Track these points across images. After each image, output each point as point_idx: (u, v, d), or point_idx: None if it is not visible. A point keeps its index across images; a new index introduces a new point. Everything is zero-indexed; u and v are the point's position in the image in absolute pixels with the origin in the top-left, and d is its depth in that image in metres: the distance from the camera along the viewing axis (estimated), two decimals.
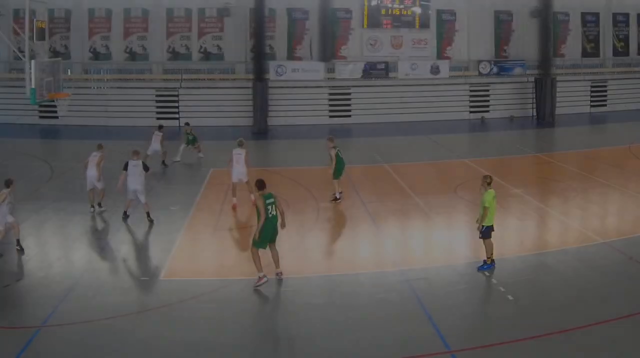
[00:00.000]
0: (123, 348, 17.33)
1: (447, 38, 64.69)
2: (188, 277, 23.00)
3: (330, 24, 61.42)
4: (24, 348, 17.07)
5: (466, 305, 20.03)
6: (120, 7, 61.72)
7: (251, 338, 18.34)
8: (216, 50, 62.55)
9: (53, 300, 20.10)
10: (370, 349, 17.22)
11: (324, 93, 62.30)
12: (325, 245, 26.60)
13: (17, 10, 56.80)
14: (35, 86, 34.40)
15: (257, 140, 53.26)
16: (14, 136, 53.39)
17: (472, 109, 64.16)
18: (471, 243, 25.22)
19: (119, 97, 60.51)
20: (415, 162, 42.99)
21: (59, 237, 27.56)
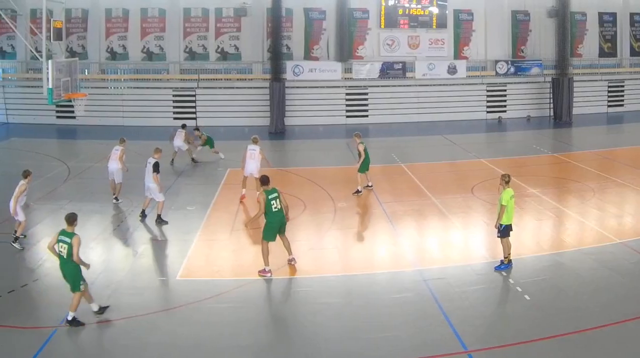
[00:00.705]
0: (139, 349, 17.43)
1: (464, 38, 64.50)
2: (205, 277, 22.99)
3: (347, 24, 61.45)
4: (40, 349, 17.17)
5: (483, 305, 20.00)
6: (137, 7, 61.81)
7: (268, 339, 18.36)
8: (233, 50, 62.51)
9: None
10: (387, 349, 17.22)
11: (341, 93, 62.15)
12: (342, 245, 26.49)
13: (34, 10, 56.92)
14: (53, 86, 34.44)
15: (274, 140, 53.35)
16: (32, 136, 53.70)
17: (489, 108, 64.02)
18: (488, 243, 25.40)
19: (135, 97, 60.66)
20: (432, 162, 42.99)
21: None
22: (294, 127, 58.87)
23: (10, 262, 22.47)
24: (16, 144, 50.78)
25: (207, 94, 60.73)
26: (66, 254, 18.84)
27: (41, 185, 35.37)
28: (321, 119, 60.94)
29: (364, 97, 62.35)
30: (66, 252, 18.82)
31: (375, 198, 32.95)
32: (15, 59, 62.45)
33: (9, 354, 17.02)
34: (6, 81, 62.26)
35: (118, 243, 26.96)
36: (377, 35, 63.06)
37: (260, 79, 60.76)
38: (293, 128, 58.65)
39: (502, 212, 22.31)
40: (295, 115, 60.08)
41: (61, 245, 18.95)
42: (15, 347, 17.28)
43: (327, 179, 36.33)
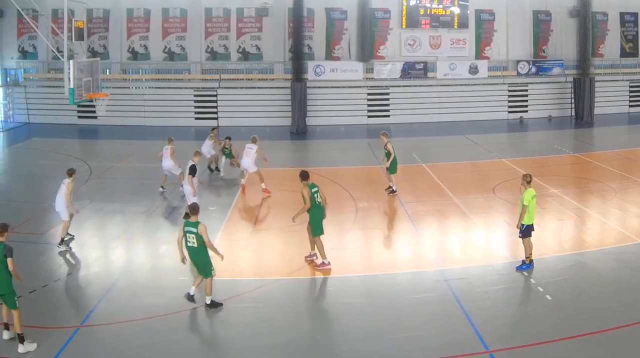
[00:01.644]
0: (160, 349, 17.48)
1: (485, 38, 64.26)
2: (225, 277, 22.90)
3: (369, 24, 61.32)
4: (62, 348, 17.24)
5: (504, 305, 20.00)
6: (158, 7, 61.81)
7: (289, 339, 18.33)
8: (255, 50, 62.47)
9: (92, 300, 20.33)
10: (409, 349, 17.29)
11: (363, 93, 61.99)
12: (364, 245, 26.54)
13: (55, 10, 56.75)
14: (74, 86, 34.44)
15: (296, 140, 53.56)
16: (53, 136, 53.86)
17: (510, 108, 63.76)
18: (509, 243, 25.39)
19: (157, 97, 60.64)
20: (453, 162, 42.94)
21: (97, 238, 27.66)
22: (315, 127, 58.73)
23: (31, 262, 22.59)
24: (37, 144, 50.93)
25: (229, 94, 60.72)
26: (197, 243, 19.72)
27: None
28: (343, 119, 60.84)
29: (386, 97, 62.16)
30: (197, 241, 19.77)
31: (396, 198, 32.93)
32: (36, 59, 62.60)
33: (32, 354, 17.06)
34: (28, 81, 62.34)
35: (140, 243, 26.99)
36: (399, 35, 62.88)
37: (282, 79, 60.66)
38: (314, 128, 58.51)
39: (523, 212, 22.35)
40: (316, 115, 59.97)
41: (190, 236, 19.75)
42: (37, 347, 17.28)
43: (348, 178, 36.33)
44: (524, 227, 22.43)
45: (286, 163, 39.46)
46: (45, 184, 36.31)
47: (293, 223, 23.62)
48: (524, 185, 22.68)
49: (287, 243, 24.00)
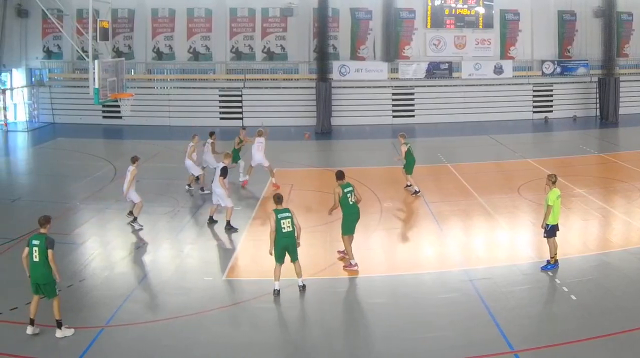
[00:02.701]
0: (185, 349, 17.53)
1: (510, 38, 64.05)
2: (251, 277, 23.12)
3: (394, 24, 61.28)
4: (87, 348, 17.31)
5: (529, 305, 19.95)
6: (183, 7, 61.92)
7: (314, 338, 18.45)
8: (279, 50, 62.51)
9: (116, 300, 20.35)
10: (434, 349, 17.31)
11: (388, 93, 61.96)
12: (388, 245, 26.56)
13: (80, 10, 57.39)
14: (99, 86, 34.59)
15: (321, 140, 53.55)
16: (78, 136, 54.06)
17: (535, 108, 63.54)
18: (534, 243, 25.36)
19: (182, 97, 60.71)
20: (478, 162, 42.88)
21: (122, 238, 27.58)
22: (340, 127, 58.70)
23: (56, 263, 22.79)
24: (62, 144, 51.20)
25: (254, 94, 60.72)
26: (292, 227, 20.70)
27: (87, 185, 35.84)
28: (367, 119, 60.80)
29: (410, 97, 62.14)
30: (292, 227, 20.69)
31: (421, 198, 32.94)
32: (61, 59, 62.85)
33: (56, 354, 17.18)
34: (52, 81, 62.63)
35: (165, 243, 27.06)
36: (424, 35, 62.77)
37: (307, 79, 60.75)
38: (339, 128, 58.49)
39: (548, 212, 22.35)
40: (341, 115, 59.94)
41: (286, 221, 20.69)
42: (62, 347, 17.43)
43: (373, 179, 36.30)
44: (548, 227, 22.42)
45: (311, 163, 39.46)
46: (70, 184, 36.62)
47: (318, 224, 23.68)
48: (548, 185, 22.69)
49: (311, 243, 24.03)
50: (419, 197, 32.89)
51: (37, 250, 17.62)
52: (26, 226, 26.75)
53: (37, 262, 17.66)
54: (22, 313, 18.95)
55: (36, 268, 17.71)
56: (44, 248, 17.55)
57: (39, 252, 17.60)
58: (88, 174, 38.38)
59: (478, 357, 16.73)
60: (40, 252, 17.58)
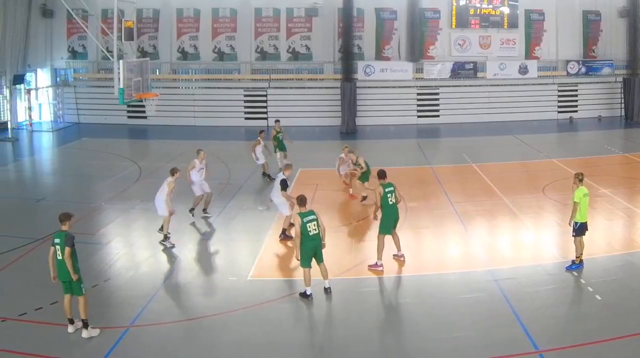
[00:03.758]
0: (210, 349, 17.56)
1: (535, 38, 63.91)
2: (276, 277, 23.22)
3: (419, 24, 61.31)
4: (112, 348, 17.37)
5: (554, 305, 19.90)
6: (208, 7, 62.14)
7: (340, 338, 18.41)
8: (304, 50, 62.61)
9: (141, 300, 20.43)
10: (459, 349, 17.30)
11: (412, 93, 61.97)
12: (413, 245, 26.38)
13: (105, 10, 57.62)
14: (124, 86, 34.64)
15: (345, 140, 53.08)
16: (103, 136, 54.31)
17: (560, 108, 63.42)
18: (559, 243, 25.40)
19: (207, 97, 60.96)
20: (503, 162, 42.82)
21: (147, 238, 27.67)
22: (365, 127, 58.73)
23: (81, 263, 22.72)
24: (87, 144, 51.39)
25: (278, 94, 60.84)
26: (318, 229, 20.50)
27: (112, 185, 35.99)
28: (392, 119, 60.82)
29: (435, 97, 62.11)
30: (318, 228, 20.49)
31: (446, 198, 32.98)
32: (86, 59, 63.18)
33: (81, 354, 17.25)
34: (77, 81, 63.00)
35: (189, 243, 27.10)
36: (448, 35, 62.77)
37: (332, 79, 60.77)
38: (364, 128, 58.51)
39: (574, 210, 22.37)
40: (366, 115, 59.95)
41: (312, 224, 20.41)
42: (87, 347, 17.48)
43: (398, 179, 35.58)
44: (577, 225, 22.42)
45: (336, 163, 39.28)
46: (95, 184, 36.81)
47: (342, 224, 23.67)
48: (576, 183, 22.70)
49: (336, 243, 24.01)
50: (442, 197, 32.94)
51: (59, 248, 17.70)
52: (51, 226, 26.70)
53: (60, 260, 17.73)
54: (46, 314, 19.09)
55: (62, 267, 17.74)
56: (64, 245, 17.61)
57: (61, 250, 17.68)
58: (113, 174, 38.52)
59: (503, 357, 16.72)
60: (62, 250, 17.65)
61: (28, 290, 21.11)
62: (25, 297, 20.41)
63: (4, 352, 16.97)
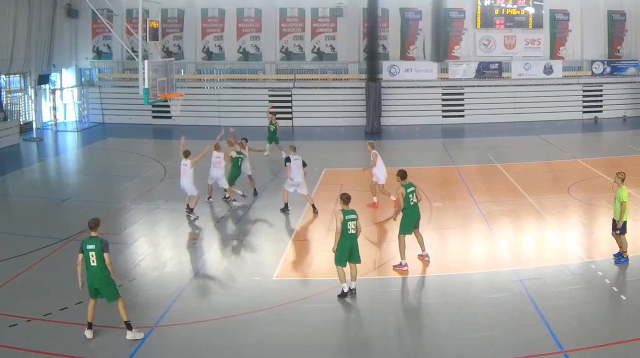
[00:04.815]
0: (235, 349, 17.62)
1: (560, 38, 63.72)
2: (301, 277, 23.29)
3: (444, 24, 61.23)
4: (137, 348, 17.44)
5: (579, 305, 19.84)
6: (233, 7, 62.29)
7: (364, 338, 18.46)
8: (329, 50, 62.67)
9: (166, 300, 20.52)
10: (483, 349, 17.28)
11: (437, 93, 61.90)
12: (438, 245, 26.44)
13: (130, 10, 57.73)
14: (149, 86, 34.72)
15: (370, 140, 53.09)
16: (127, 136, 54.59)
17: (585, 109, 63.19)
18: (584, 243, 25.52)
19: (231, 97, 61.14)
20: (527, 162, 42.65)
21: (172, 237, 27.82)
22: (390, 127, 58.67)
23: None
24: (112, 144, 51.61)
25: (303, 94, 60.94)
26: (356, 229, 20.64)
27: (137, 185, 36.13)
28: (417, 119, 60.73)
29: (460, 97, 62.04)
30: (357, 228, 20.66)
31: (471, 198, 32.97)
32: (111, 59, 63.45)
33: (106, 354, 17.31)
34: (102, 81, 63.27)
35: (214, 243, 27.23)
36: (473, 35, 62.74)
37: (357, 78, 60.71)
38: (389, 128, 58.46)
39: (623, 209, 22.52)
40: (391, 115, 59.92)
41: (352, 224, 20.57)
42: (112, 347, 17.55)
43: (423, 179, 35.96)
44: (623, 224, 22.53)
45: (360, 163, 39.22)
46: (119, 184, 36.90)
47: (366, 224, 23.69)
48: (617, 183, 22.85)
49: (360, 243, 23.92)
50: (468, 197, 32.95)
51: (94, 254, 17.65)
52: (76, 226, 27.06)
53: (94, 266, 17.71)
54: (71, 314, 19.17)
55: (94, 273, 17.76)
56: (100, 252, 17.61)
57: (96, 256, 17.64)
58: (138, 174, 38.65)
59: (527, 357, 16.70)
60: (97, 256, 17.63)
61: (53, 290, 21.18)
62: (50, 297, 20.48)
63: (29, 352, 17.07)
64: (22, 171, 42.04)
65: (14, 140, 50.11)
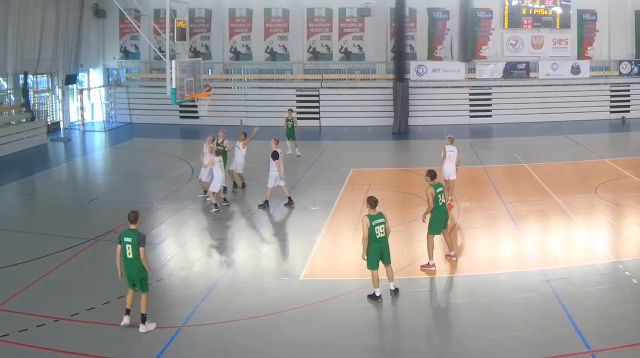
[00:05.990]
0: (262, 349, 17.61)
1: (587, 38, 63.49)
2: (328, 277, 23.17)
3: (471, 24, 61.14)
4: (164, 348, 17.48)
5: (606, 305, 19.76)
6: (260, 7, 62.54)
7: (391, 339, 18.52)
8: (357, 50, 62.74)
9: (193, 300, 20.55)
10: (511, 349, 17.25)
11: (465, 93, 61.85)
12: (465, 245, 26.50)
13: (157, 10, 58.14)
14: (176, 86, 34.86)
15: (398, 140, 53.73)
16: (155, 136, 54.91)
17: (612, 108, 62.82)
18: (611, 243, 25.35)
19: (259, 97, 61.20)
20: (555, 162, 42.52)
21: (199, 237, 27.93)
22: (417, 127, 58.62)
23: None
24: (139, 144, 51.97)
25: (331, 94, 60.98)
26: (385, 232, 20.59)
27: (165, 185, 36.27)
28: (445, 119, 60.41)
29: (488, 97, 61.95)
30: (385, 231, 20.55)
31: (498, 198, 32.94)
32: (138, 59, 63.87)
33: (133, 354, 17.43)
34: (130, 81, 63.79)
35: (242, 242, 27.27)
36: (501, 35, 62.69)
37: (384, 79, 60.71)
38: (417, 128, 58.39)
39: None
40: (418, 115, 59.90)
41: (380, 228, 20.42)
42: (139, 347, 17.65)
43: None
44: None
45: (389, 163, 39.34)
46: (147, 184, 37.23)
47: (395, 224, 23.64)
48: None
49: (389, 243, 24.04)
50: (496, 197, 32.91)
51: (130, 246, 18.11)
52: (103, 226, 27.22)
53: (130, 258, 18.16)
54: (99, 314, 19.27)
55: (130, 265, 18.21)
56: (137, 245, 18.05)
57: (132, 249, 18.09)
58: (165, 174, 38.84)
59: (555, 357, 16.66)
60: (133, 249, 18.08)
61: (80, 290, 21.28)
62: (77, 297, 20.56)
63: (56, 352, 17.11)
64: (50, 171, 42.44)
65: (41, 140, 50.42)
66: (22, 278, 22.24)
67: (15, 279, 22.23)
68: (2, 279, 22.38)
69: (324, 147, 38.63)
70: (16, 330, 18.14)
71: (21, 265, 23.66)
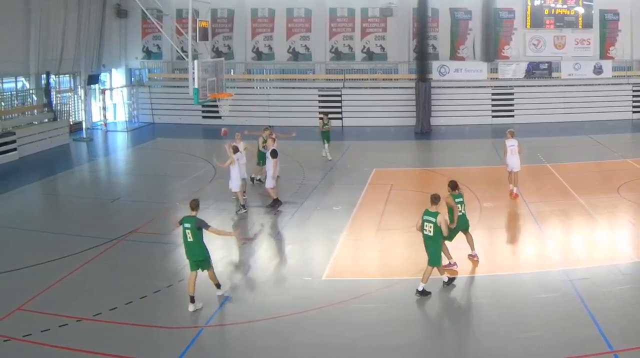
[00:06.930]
0: (284, 349, 17.67)
1: (610, 38, 63.22)
2: (350, 277, 23.20)
3: (493, 24, 61.12)
4: (187, 348, 17.54)
5: (629, 305, 19.72)
6: (283, 7, 62.61)
7: (414, 339, 18.43)
8: (379, 50, 62.69)
9: (216, 300, 20.63)
10: (533, 348, 17.23)
11: (487, 93, 61.80)
12: (488, 245, 26.38)
13: (180, 10, 58.17)
14: (198, 86, 34.89)
15: (420, 140, 53.71)
16: (177, 136, 55.01)
17: (635, 109, 62.51)
18: (634, 243, 25.35)
19: (281, 97, 61.33)
20: (577, 162, 42.34)
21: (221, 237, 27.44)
22: (439, 127, 58.64)
23: (156, 262, 23.00)
24: (162, 144, 52.13)
25: (353, 94, 60.99)
26: (433, 232, 20.76)
27: (187, 185, 36.33)
28: (467, 119, 60.59)
29: (510, 97, 61.86)
30: (433, 230, 20.73)
31: (520, 198, 32.76)
32: (161, 59, 64.08)
33: (156, 354, 17.45)
34: (152, 81, 63.93)
35: (265, 243, 27.42)
36: (523, 35, 62.48)
37: (406, 79, 60.80)
38: (439, 128, 58.41)
39: None
40: (441, 115, 59.89)
41: (427, 225, 20.84)
42: (162, 347, 17.70)
43: (472, 178, 36.04)
44: None
45: (410, 163, 39.33)
46: (169, 184, 37.36)
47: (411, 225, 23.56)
48: None
49: (411, 243, 23.99)
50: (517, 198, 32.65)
51: (190, 231, 20.01)
52: (126, 226, 27.38)
53: (191, 242, 19.98)
54: (121, 314, 19.39)
55: (191, 248, 19.66)
56: (195, 230, 19.36)
57: (191, 233, 19.98)
58: (188, 174, 38.95)
59: (577, 356, 16.65)
60: (192, 233, 19.95)
61: (103, 290, 21.39)
62: (100, 297, 20.66)
63: (79, 351, 17.21)
64: (72, 171, 42.61)
65: (63, 140, 50.74)
66: (45, 278, 22.37)
67: (38, 279, 22.34)
68: (24, 279, 22.51)
69: (346, 147, 38.58)
70: (38, 330, 18.25)
71: (44, 265, 23.76)
